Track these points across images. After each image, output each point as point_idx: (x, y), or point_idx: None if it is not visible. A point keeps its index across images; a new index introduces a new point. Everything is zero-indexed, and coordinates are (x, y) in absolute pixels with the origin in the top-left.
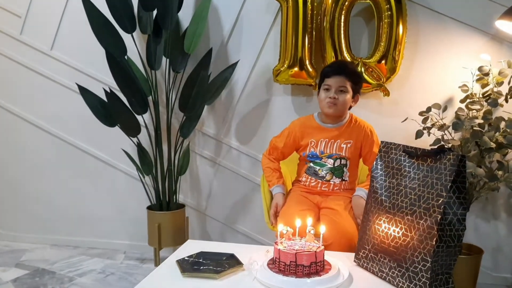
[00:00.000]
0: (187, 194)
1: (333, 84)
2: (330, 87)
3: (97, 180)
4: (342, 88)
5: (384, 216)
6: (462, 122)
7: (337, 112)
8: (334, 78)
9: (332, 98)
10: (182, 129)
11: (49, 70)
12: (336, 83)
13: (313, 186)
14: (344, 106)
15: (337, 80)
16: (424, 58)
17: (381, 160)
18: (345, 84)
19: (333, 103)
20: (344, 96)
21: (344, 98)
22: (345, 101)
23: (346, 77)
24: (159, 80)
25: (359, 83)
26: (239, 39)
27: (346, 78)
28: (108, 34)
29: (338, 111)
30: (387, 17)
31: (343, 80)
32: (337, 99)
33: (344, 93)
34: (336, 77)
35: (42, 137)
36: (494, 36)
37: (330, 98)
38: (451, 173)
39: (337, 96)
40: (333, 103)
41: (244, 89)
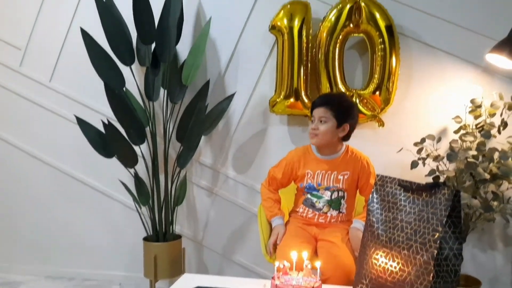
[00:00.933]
0: (184, 224)
1: (316, 115)
2: (314, 118)
3: (93, 210)
4: (322, 119)
5: (381, 250)
6: (456, 153)
7: (319, 142)
8: (316, 109)
9: (313, 129)
10: (179, 159)
11: (48, 101)
12: (317, 114)
13: (310, 218)
14: (325, 136)
15: (318, 111)
16: (418, 90)
17: (377, 193)
18: (326, 114)
19: (314, 133)
20: (325, 126)
21: (324, 128)
22: (325, 131)
23: (326, 107)
24: (157, 110)
25: (344, 112)
26: (236, 71)
27: (326, 108)
28: (107, 66)
29: (320, 140)
30: (380, 50)
31: (324, 110)
32: (317, 129)
33: (325, 123)
34: (318, 109)
35: (39, 167)
36: (485, 69)
37: (312, 129)
38: (446, 208)
39: (317, 127)
40: (314, 133)
41: (241, 120)
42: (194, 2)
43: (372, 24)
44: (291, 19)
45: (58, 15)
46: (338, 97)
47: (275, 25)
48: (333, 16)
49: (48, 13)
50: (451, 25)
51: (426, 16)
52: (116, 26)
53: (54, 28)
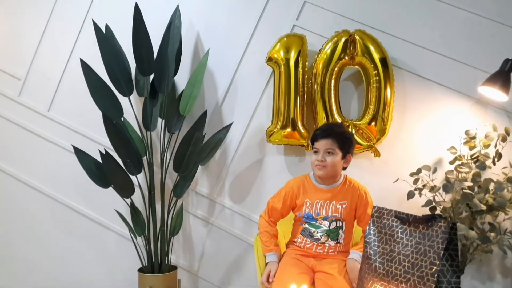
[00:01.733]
0: (180, 255)
1: (321, 147)
2: (319, 150)
3: (88, 240)
4: (329, 150)
5: (379, 283)
6: (452, 184)
7: (327, 174)
8: (321, 141)
9: (320, 161)
10: (176, 189)
11: (45, 131)
12: (323, 146)
13: (308, 248)
14: (333, 168)
15: (324, 143)
16: (413, 120)
17: (374, 225)
18: (332, 146)
19: (322, 165)
20: (332, 158)
21: (332, 160)
22: (334, 162)
23: (332, 139)
24: (154, 140)
25: (348, 144)
26: (233, 101)
27: (332, 140)
28: (105, 97)
29: (328, 172)
30: (375, 82)
31: (330, 142)
32: (325, 161)
33: (332, 155)
34: (323, 140)
35: (35, 197)
36: (478, 100)
37: (319, 161)
38: (443, 241)
39: (324, 159)
40: (322, 165)
41: (238, 149)
42: (193, 34)
43: (367, 57)
44: (287, 51)
45: (59, 45)
46: (340, 128)
47: (271, 57)
48: (329, 49)
49: (49, 44)
50: (444, 58)
51: (419, 49)
52: (116, 57)
53: (54, 58)
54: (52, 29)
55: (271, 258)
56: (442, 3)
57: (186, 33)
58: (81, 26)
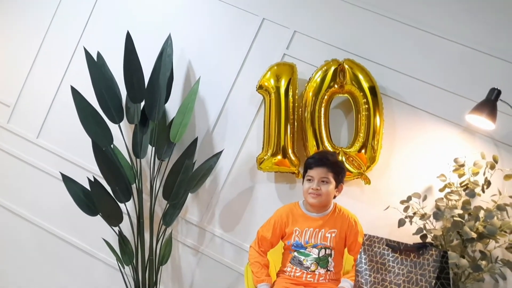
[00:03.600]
0: (168, 284)
1: (316, 176)
2: (313, 178)
3: (74, 269)
4: (324, 179)
5: None
6: (442, 212)
7: (321, 202)
8: (316, 169)
9: (315, 189)
10: (165, 217)
11: (34, 158)
12: (318, 175)
13: (298, 277)
14: (328, 197)
15: (319, 172)
16: (402, 148)
17: (365, 253)
18: (327, 175)
19: (317, 194)
20: (327, 187)
21: (327, 189)
22: (328, 191)
23: (328, 168)
24: (144, 167)
25: (341, 173)
26: (224, 129)
27: (328, 169)
28: (95, 124)
29: (322, 201)
30: (364, 110)
31: (325, 171)
32: (320, 190)
33: (327, 184)
34: (318, 169)
35: (21, 225)
36: (466, 128)
37: (313, 189)
38: (434, 270)
39: (319, 187)
40: (316, 194)
41: (228, 177)
42: (184, 62)
43: (356, 85)
44: (277, 79)
45: (50, 72)
46: (334, 156)
47: (262, 85)
48: (319, 77)
49: (39, 71)
50: (432, 87)
51: (407, 78)
52: (106, 85)
53: (44, 85)
54: (44, 56)
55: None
56: (430, 34)
57: (177, 61)
58: (73, 53)
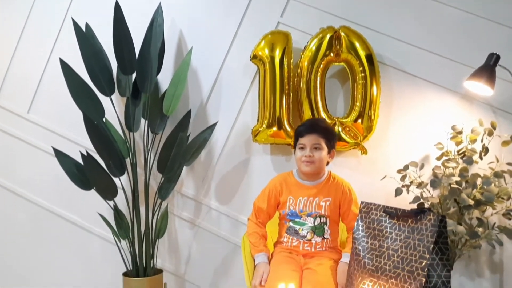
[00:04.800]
0: (165, 258)
1: (307, 143)
2: (305, 146)
3: (71, 244)
4: (316, 146)
5: (368, 279)
6: (439, 180)
7: (315, 169)
8: (307, 136)
9: (308, 156)
10: (161, 191)
11: (25, 133)
12: (310, 141)
13: (295, 246)
14: (321, 163)
15: (311, 138)
16: (399, 117)
17: (362, 221)
18: (319, 141)
19: (310, 161)
20: (320, 153)
21: (320, 155)
22: (321, 158)
23: (319, 134)
24: (137, 141)
25: (333, 139)
26: (218, 100)
27: (319, 135)
28: (86, 97)
29: (316, 168)
30: (361, 79)
31: (316, 137)
32: (313, 157)
33: (319, 150)
34: (309, 136)
35: (14, 201)
36: (464, 96)
37: (306, 156)
38: (432, 234)
39: (312, 154)
40: (310, 161)
41: (224, 149)
42: (176, 32)
43: (352, 53)
44: (272, 48)
45: (38, 45)
46: (324, 123)
47: (256, 55)
48: (314, 46)
49: (27, 44)
50: (430, 53)
51: (405, 45)
52: (96, 57)
53: (33, 58)
54: (31, 29)
55: (261, 258)
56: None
57: (168, 32)
58: (61, 25)
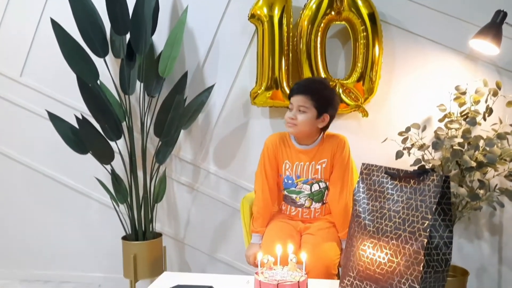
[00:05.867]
0: (164, 222)
1: (294, 103)
2: (292, 106)
3: (69, 210)
4: (301, 108)
5: (369, 241)
6: (442, 141)
7: (297, 132)
8: (295, 97)
9: (290, 118)
10: (158, 155)
11: (19, 97)
12: (296, 102)
13: (294, 215)
14: (305, 127)
15: (298, 99)
16: (401, 78)
17: (362, 182)
18: (305, 103)
19: (292, 123)
20: (304, 117)
21: (303, 118)
22: (304, 121)
23: (306, 95)
24: (134, 104)
25: (324, 102)
26: (215, 62)
27: (306, 97)
28: (80, 58)
29: (299, 131)
30: (363, 38)
31: (303, 99)
32: (295, 119)
33: (304, 113)
34: (297, 96)
35: (10, 166)
36: (468, 55)
37: (289, 118)
38: (435, 195)
39: (295, 117)
40: (292, 123)
41: (221, 113)
42: None
43: (354, 12)
44: (271, 7)
45: (28, 6)
46: (319, 84)
47: (254, 14)
48: (314, 4)
49: (17, 5)
50: (434, 12)
51: (408, 3)
52: (89, 16)
53: (23, 20)
54: None
55: (254, 239)
56: None
57: None
58: None
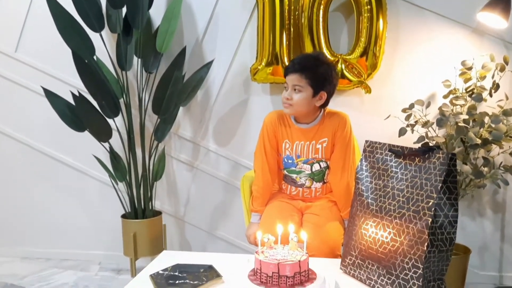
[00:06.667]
0: (164, 200)
1: (289, 83)
2: (287, 86)
3: (67, 188)
4: (296, 87)
5: (371, 220)
6: (446, 118)
7: (294, 112)
8: (290, 76)
9: (286, 98)
10: (157, 133)
11: (14, 73)
12: (291, 82)
13: (294, 195)
14: (301, 107)
15: (292, 78)
16: (406, 54)
17: (366, 160)
18: (300, 82)
19: (288, 103)
20: (299, 96)
21: (298, 98)
22: (300, 101)
23: (301, 74)
24: (131, 81)
25: (320, 80)
26: (214, 37)
27: (301, 75)
28: (75, 33)
29: (295, 111)
30: (366, 12)
31: (298, 78)
32: (291, 99)
33: (300, 93)
34: (291, 75)
35: (7, 144)
36: (475, 30)
37: (285, 98)
38: (441, 173)
39: (290, 97)
40: (288, 103)
41: (221, 89)
42: None
43: None
44: None
45: None
46: (314, 60)
47: None
48: None
49: None
50: None
51: None
52: None
53: None
54: None
55: (254, 219)
56: None
57: None
58: None
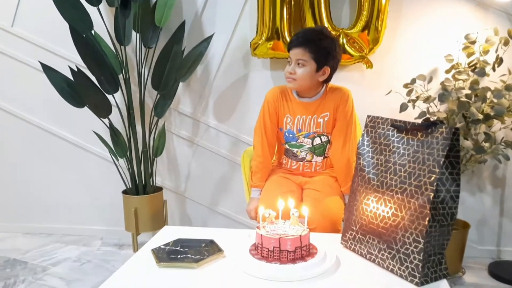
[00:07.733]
0: (165, 176)
1: (293, 57)
2: (291, 60)
3: (68, 164)
4: (299, 61)
5: (372, 195)
6: (449, 93)
7: (297, 87)
8: (293, 50)
9: (289, 73)
10: (156, 108)
11: (11, 48)
12: (294, 56)
13: (294, 169)
14: (304, 81)
15: (295, 53)
16: (408, 28)
17: (367, 135)
18: (304, 56)
19: (292, 78)
20: (303, 71)
21: (302, 72)
22: (304, 76)
23: (305, 48)
24: (130, 56)
25: (323, 55)
26: (213, 11)
27: (305, 49)
28: (72, 7)
29: (299, 86)
30: None
31: (302, 52)
32: (294, 73)
33: (303, 67)
34: (295, 49)
35: (6, 120)
36: (479, 2)
37: (288, 72)
38: (444, 148)
39: (294, 71)
40: (291, 78)
41: (221, 64)
42: None
43: None
44: None
45: None
46: (318, 34)
47: None
48: None
49: None
50: None
51: None
52: None
53: None
54: None
55: (254, 194)
56: None
57: None
58: None
